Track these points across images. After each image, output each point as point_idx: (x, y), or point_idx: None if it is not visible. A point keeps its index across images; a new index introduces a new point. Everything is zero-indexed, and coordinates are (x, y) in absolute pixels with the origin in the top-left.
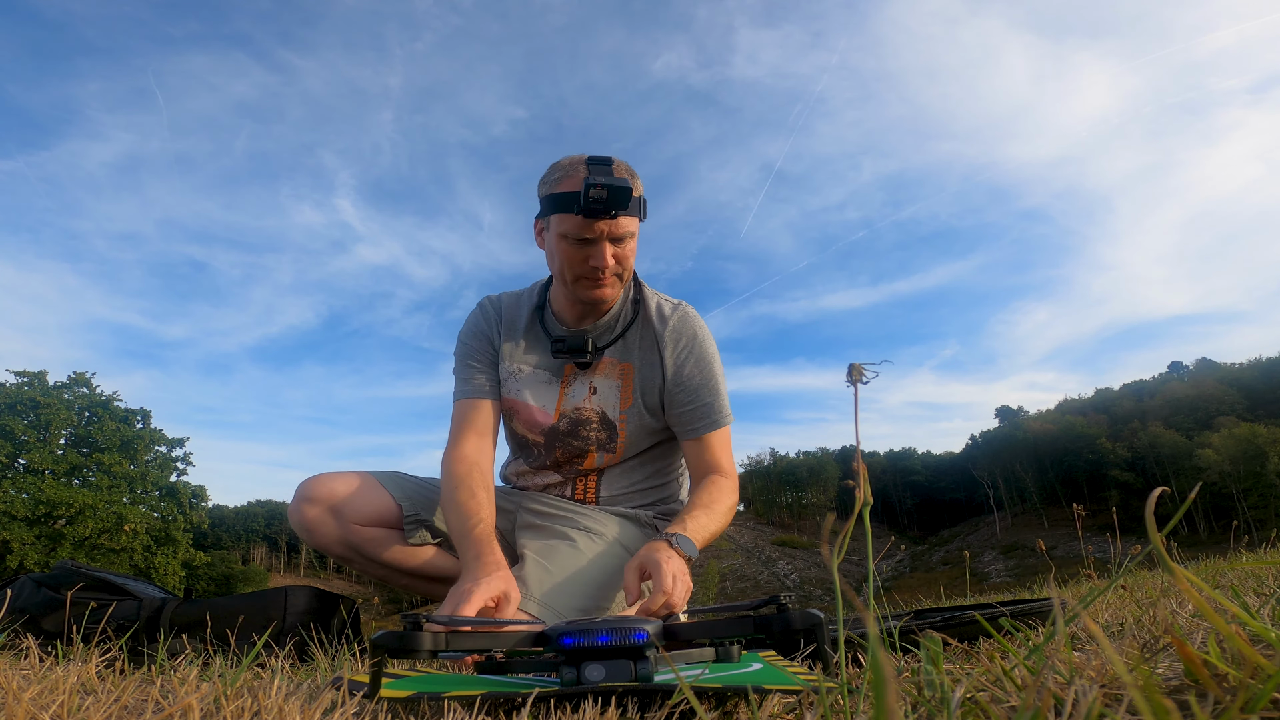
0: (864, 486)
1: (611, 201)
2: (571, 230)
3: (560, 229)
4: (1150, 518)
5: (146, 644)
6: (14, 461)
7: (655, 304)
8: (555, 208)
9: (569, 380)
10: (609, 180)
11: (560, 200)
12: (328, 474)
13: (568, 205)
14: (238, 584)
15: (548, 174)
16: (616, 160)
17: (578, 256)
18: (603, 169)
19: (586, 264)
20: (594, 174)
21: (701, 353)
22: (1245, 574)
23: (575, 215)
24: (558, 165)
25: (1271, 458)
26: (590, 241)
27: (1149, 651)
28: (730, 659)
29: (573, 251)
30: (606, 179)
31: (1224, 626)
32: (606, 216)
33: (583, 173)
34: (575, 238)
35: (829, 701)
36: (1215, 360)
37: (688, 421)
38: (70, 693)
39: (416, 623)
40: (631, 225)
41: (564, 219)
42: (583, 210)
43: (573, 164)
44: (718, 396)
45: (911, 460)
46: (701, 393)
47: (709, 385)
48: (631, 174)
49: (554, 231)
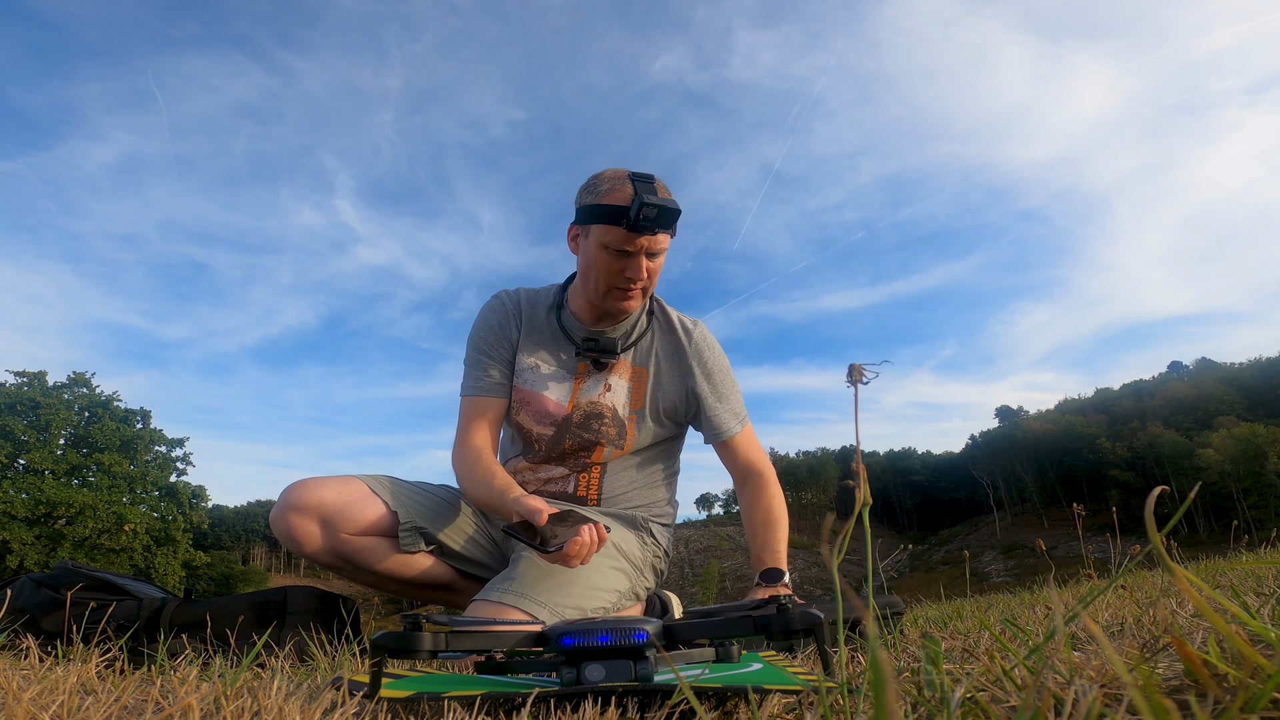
0: (864, 486)
1: (660, 220)
2: (614, 242)
3: (603, 239)
4: (1150, 518)
5: (146, 644)
6: (14, 461)
7: (677, 318)
8: (601, 218)
9: (583, 376)
10: (661, 201)
11: (607, 212)
12: (315, 480)
13: (615, 218)
14: (238, 584)
15: (592, 184)
16: (658, 179)
17: (615, 267)
18: (648, 187)
19: (622, 275)
20: (642, 191)
21: (723, 364)
22: (1245, 574)
23: (620, 228)
24: (603, 177)
25: (1271, 458)
26: (629, 254)
27: (1149, 651)
28: (730, 659)
29: (611, 262)
30: (659, 200)
31: (1224, 626)
32: (650, 234)
33: (629, 188)
34: (616, 249)
35: (829, 701)
36: (1215, 360)
37: (721, 425)
38: (70, 693)
39: (416, 623)
40: (667, 243)
41: (608, 230)
42: (631, 225)
43: (617, 177)
44: (738, 404)
45: (911, 460)
46: (728, 399)
47: (730, 395)
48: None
49: (594, 240)
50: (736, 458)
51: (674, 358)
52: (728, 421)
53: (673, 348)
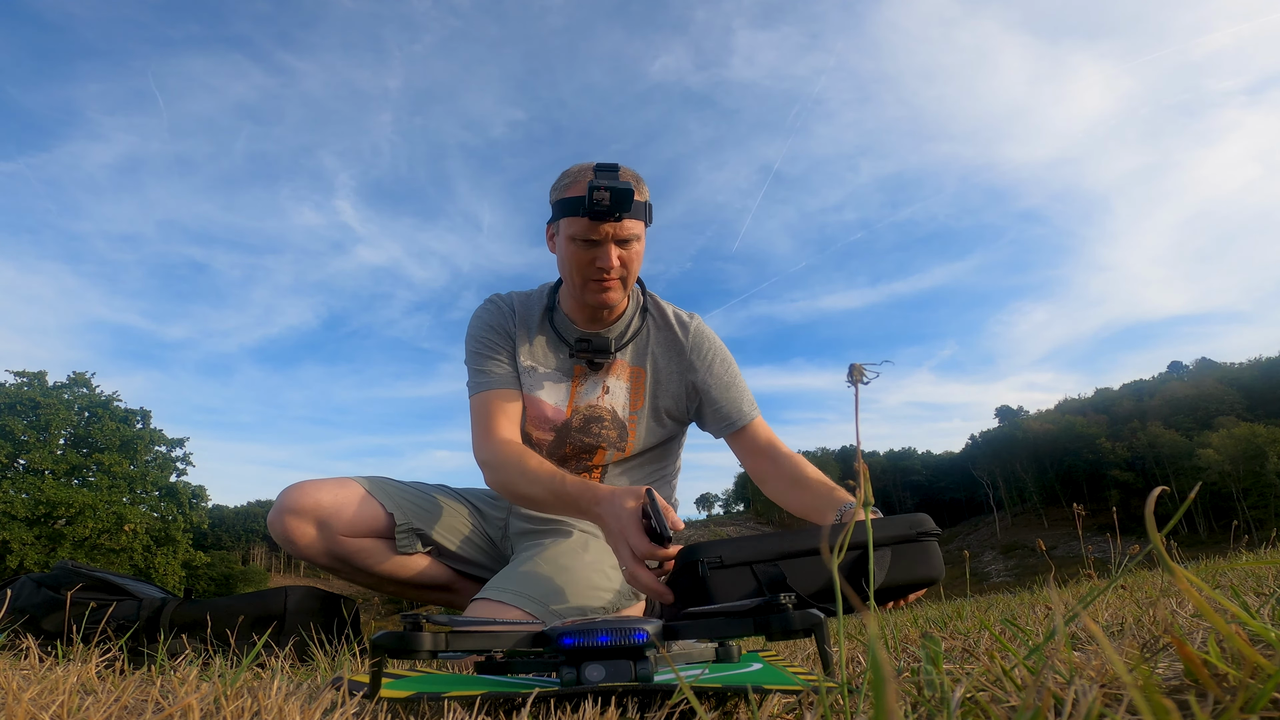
0: (864, 486)
1: (615, 204)
2: (578, 232)
3: (568, 231)
4: (1150, 517)
5: (146, 644)
6: (14, 462)
7: (672, 313)
8: (564, 211)
9: (580, 379)
10: (612, 183)
11: (568, 204)
12: (311, 482)
13: (574, 208)
14: (238, 584)
15: (558, 180)
16: (623, 167)
17: (585, 258)
18: (608, 174)
19: (593, 265)
20: (599, 178)
21: (725, 354)
22: (1245, 574)
23: (582, 218)
24: (567, 172)
25: (1271, 457)
26: (596, 243)
27: (1149, 651)
28: (730, 659)
29: (580, 253)
30: (610, 182)
31: (1224, 626)
32: (611, 219)
33: (589, 178)
34: (582, 239)
35: (829, 701)
36: (1215, 360)
37: (728, 417)
38: (70, 693)
39: (416, 623)
40: (636, 229)
41: (572, 222)
42: (588, 212)
43: (581, 170)
44: (745, 391)
45: (911, 460)
46: (732, 390)
47: (737, 383)
48: (637, 179)
49: (563, 235)
50: (758, 441)
51: (672, 353)
52: (739, 407)
53: (670, 344)
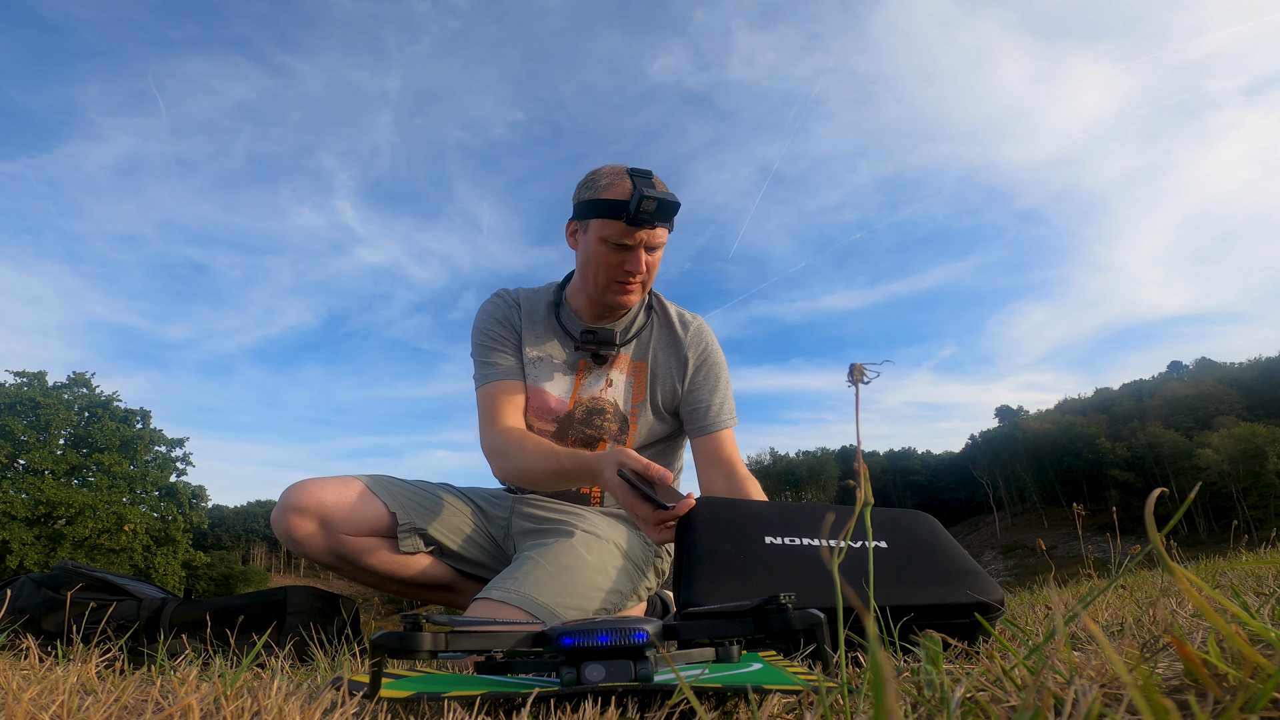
0: (865, 486)
1: (659, 214)
2: (613, 235)
3: (602, 233)
4: (1150, 517)
5: (146, 644)
6: (14, 462)
7: (675, 312)
8: (599, 213)
9: (584, 372)
10: (660, 194)
11: (607, 206)
12: (314, 481)
13: (614, 212)
14: (238, 584)
15: (590, 179)
16: (655, 175)
17: (614, 261)
18: (647, 182)
19: (621, 268)
20: (641, 186)
21: (719, 358)
22: (1245, 574)
23: (620, 222)
24: (601, 172)
25: (1271, 457)
26: (628, 248)
27: (1149, 651)
28: (730, 659)
29: (610, 256)
30: (659, 193)
31: (1224, 626)
32: (649, 227)
33: (628, 183)
34: (615, 243)
35: (829, 701)
36: (1215, 360)
37: (702, 418)
38: (70, 693)
39: (416, 623)
40: (665, 237)
41: (607, 224)
42: (631, 219)
43: (615, 173)
44: (728, 399)
45: (911, 460)
46: (715, 393)
47: (721, 388)
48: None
49: (593, 235)
50: (720, 451)
51: (671, 349)
52: (717, 415)
53: (670, 340)
